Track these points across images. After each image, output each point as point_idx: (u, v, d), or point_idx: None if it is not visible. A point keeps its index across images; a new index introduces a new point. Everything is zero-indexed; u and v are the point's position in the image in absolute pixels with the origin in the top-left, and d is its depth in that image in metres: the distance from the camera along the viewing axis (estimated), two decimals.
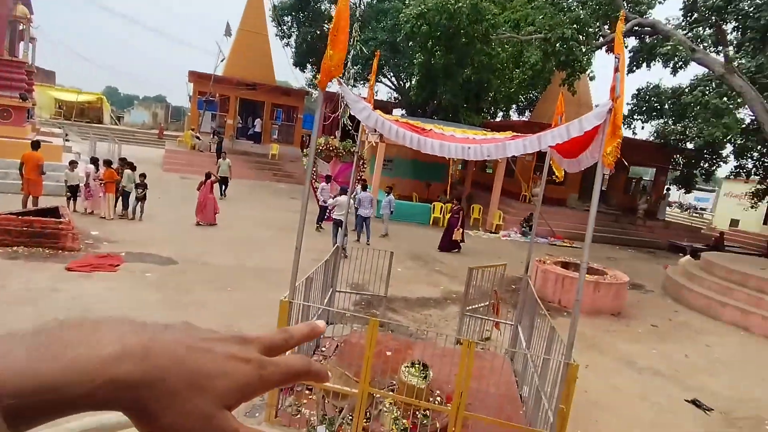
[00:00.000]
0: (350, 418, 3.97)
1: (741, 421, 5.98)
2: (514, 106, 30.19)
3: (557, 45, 13.19)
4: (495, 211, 18.40)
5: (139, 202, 11.67)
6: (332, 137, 15.31)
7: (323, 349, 5.68)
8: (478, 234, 17.36)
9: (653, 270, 14.90)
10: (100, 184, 11.41)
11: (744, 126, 18.61)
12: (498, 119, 30.11)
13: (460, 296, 7.45)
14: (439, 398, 4.77)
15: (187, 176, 19.77)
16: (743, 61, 15.52)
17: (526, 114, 30.56)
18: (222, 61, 25.19)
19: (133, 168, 11.98)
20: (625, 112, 21.70)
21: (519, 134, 4.83)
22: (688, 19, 17.33)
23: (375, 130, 11.51)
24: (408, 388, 4.24)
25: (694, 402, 6.25)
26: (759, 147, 21.36)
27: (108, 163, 11.88)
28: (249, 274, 8.81)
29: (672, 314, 10.36)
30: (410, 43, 19.07)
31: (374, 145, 15.60)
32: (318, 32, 26.67)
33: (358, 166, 14.45)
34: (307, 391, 4.44)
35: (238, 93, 25.06)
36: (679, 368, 7.37)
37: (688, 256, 15.14)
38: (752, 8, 15.60)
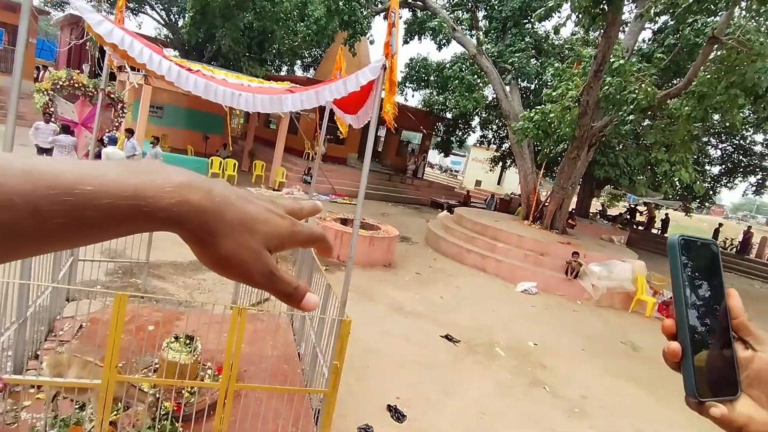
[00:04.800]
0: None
1: (479, 347, 7.21)
2: (299, 61, 29.80)
3: (340, 3, 13.23)
4: (278, 168, 18.08)
5: None
6: (78, 72, 12.45)
7: (61, 332, 4.61)
8: (260, 191, 16.84)
9: (418, 224, 16.85)
10: None
11: (488, 102, 22.13)
12: (282, 73, 29.37)
13: None
14: (210, 370, 4.37)
15: None
16: (489, 46, 18.22)
17: (310, 71, 30.51)
18: None
19: None
20: (400, 79, 23.54)
21: (297, 86, 4.56)
22: (451, 1, 19.46)
23: (138, 70, 9.76)
24: (171, 366, 3.73)
25: (447, 336, 7.27)
26: (497, 120, 25.86)
27: None
28: None
29: (432, 262, 11.87)
30: None
31: (137, 87, 13.34)
32: None
33: (116, 111, 12.24)
34: (32, 389, 3.50)
35: None
36: (436, 309, 8.48)
37: (445, 211, 17.56)
38: (497, 1, 18.35)
